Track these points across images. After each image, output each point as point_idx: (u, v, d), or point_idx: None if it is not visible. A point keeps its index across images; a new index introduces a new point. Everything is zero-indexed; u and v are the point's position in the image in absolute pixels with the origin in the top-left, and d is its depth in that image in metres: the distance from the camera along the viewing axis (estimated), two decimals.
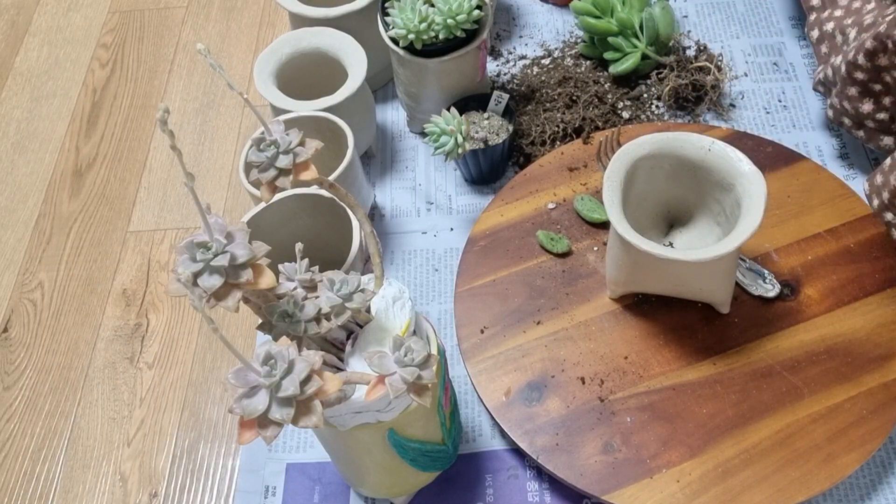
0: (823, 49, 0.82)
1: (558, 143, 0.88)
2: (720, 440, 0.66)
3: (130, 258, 0.92)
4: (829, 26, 0.81)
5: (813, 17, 0.83)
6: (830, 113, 0.79)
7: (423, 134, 0.91)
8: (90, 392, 0.82)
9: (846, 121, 0.79)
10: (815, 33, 0.83)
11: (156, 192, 0.97)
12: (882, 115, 0.76)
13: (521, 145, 0.89)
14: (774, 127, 0.90)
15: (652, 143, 0.69)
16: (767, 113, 0.91)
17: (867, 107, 0.76)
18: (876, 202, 0.75)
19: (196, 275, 0.45)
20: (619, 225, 0.64)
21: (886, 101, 0.75)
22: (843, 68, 0.74)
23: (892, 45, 0.70)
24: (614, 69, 0.92)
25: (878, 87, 0.75)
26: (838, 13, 0.80)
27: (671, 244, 0.75)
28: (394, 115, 0.97)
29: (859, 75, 0.75)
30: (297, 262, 0.54)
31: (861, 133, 0.80)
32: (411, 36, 0.79)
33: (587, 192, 0.82)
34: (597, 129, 0.88)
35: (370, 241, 0.57)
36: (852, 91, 0.75)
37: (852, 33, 0.77)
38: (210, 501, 0.75)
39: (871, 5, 0.76)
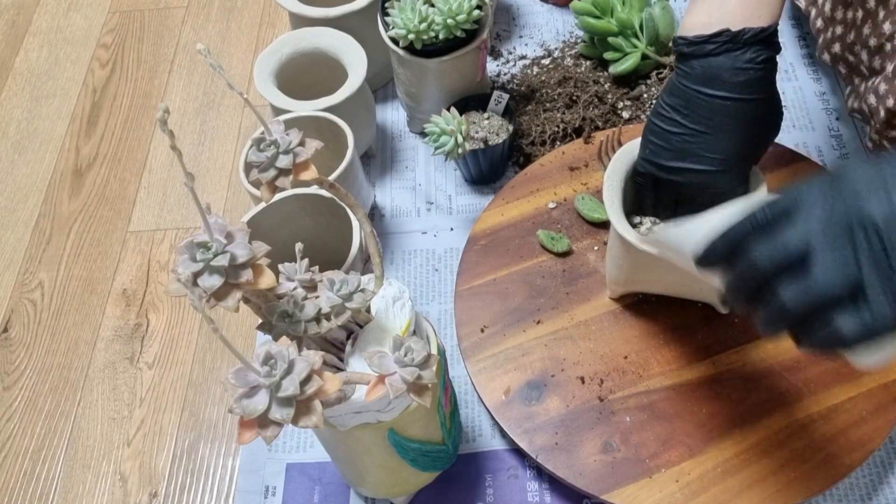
0: (842, 69, 0.81)
1: (558, 143, 0.88)
2: (719, 440, 0.66)
3: (130, 258, 0.92)
4: (836, 48, 0.80)
5: (820, 39, 0.83)
6: (870, 144, 0.79)
7: (423, 134, 0.91)
8: (90, 392, 0.82)
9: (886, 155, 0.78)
10: (826, 57, 0.82)
11: (156, 192, 0.97)
12: None
13: (521, 145, 0.89)
14: None
15: None
16: None
17: None
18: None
19: (196, 275, 0.45)
20: (619, 224, 0.64)
21: None
22: (883, 113, 0.73)
23: None
24: (614, 69, 0.92)
25: None
26: (839, 30, 0.79)
27: None
28: (394, 115, 0.97)
29: None
30: (297, 262, 0.54)
31: None
32: (411, 36, 0.79)
33: (588, 191, 0.82)
34: (597, 129, 0.88)
35: (370, 241, 0.57)
36: (894, 134, 0.75)
37: (863, 54, 0.76)
38: (210, 501, 0.75)
39: (861, 14, 0.76)
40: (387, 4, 0.83)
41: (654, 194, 0.68)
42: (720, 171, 0.62)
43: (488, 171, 0.87)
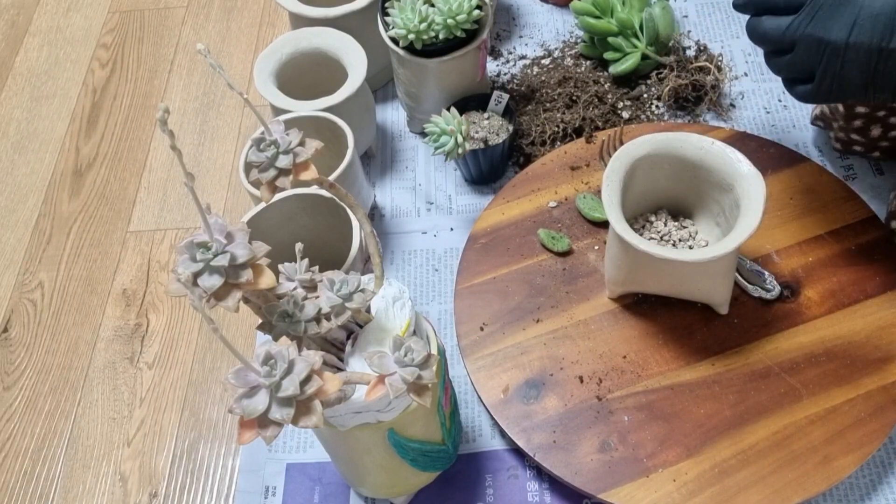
0: None
1: (558, 143, 0.88)
2: (717, 440, 0.66)
3: (130, 258, 0.92)
4: None
5: None
6: (838, 145, 0.80)
7: (423, 134, 0.91)
8: (90, 392, 0.82)
9: (858, 148, 0.80)
10: None
11: (156, 192, 0.98)
12: (894, 133, 0.77)
13: (521, 145, 0.89)
14: (774, 127, 0.90)
15: (651, 143, 0.69)
16: (767, 113, 0.91)
17: (876, 131, 0.77)
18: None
19: (196, 275, 0.45)
20: (618, 224, 0.65)
21: (893, 120, 0.76)
22: (842, 108, 0.75)
23: None
24: (614, 69, 0.92)
25: (882, 112, 0.75)
26: None
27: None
28: (394, 115, 0.97)
29: (861, 109, 0.75)
30: (297, 262, 0.54)
31: (876, 153, 0.81)
32: (411, 36, 0.79)
33: (589, 190, 0.82)
34: (597, 129, 0.88)
35: (370, 241, 0.57)
36: (857, 123, 0.75)
37: None
38: (210, 501, 0.75)
39: None
40: (387, 4, 0.83)
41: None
42: None
43: (488, 171, 0.87)
